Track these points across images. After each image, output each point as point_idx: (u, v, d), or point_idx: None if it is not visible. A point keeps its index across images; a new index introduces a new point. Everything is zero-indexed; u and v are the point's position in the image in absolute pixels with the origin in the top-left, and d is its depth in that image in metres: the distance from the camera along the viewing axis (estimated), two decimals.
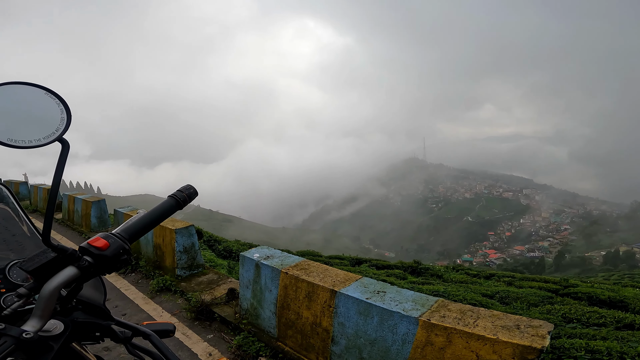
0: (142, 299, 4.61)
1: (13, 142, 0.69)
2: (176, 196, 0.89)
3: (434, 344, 2.27)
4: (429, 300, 2.53)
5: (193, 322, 4.00)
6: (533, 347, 1.96)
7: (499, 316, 2.28)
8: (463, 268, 14.24)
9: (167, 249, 5.12)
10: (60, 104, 0.76)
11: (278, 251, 3.70)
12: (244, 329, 3.61)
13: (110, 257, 0.72)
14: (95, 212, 8.06)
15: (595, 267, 57.93)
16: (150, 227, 0.84)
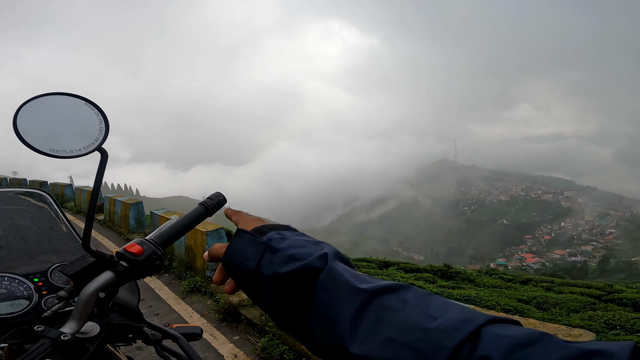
0: (174, 299, 4.80)
1: (55, 152, 0.71)
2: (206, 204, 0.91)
3: None
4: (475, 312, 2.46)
5: (220, 323, 4.10)
6: None
7: (536, 324, 2.18)
8: (497, 272, 13.65)
9: (198, 250, 5.30)
10: (98, 114, 0.77)
11: None
12: (269, 332, 3.66)
13: (144, 262, 0.73)
14: (133, 214, 8.49)
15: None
16: (181, 234, 0.86)
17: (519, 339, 0.33)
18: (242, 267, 0.52)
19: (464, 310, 0.39)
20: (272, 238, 0.52)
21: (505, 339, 0.34)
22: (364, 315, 0.40)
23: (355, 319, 0.40)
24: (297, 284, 0.47)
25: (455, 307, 0.39)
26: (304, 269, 0.46)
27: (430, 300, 0.40)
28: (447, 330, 0.36)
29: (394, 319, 0.39)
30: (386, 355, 0.36)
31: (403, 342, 0.36)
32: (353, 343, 0.39)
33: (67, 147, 0.72)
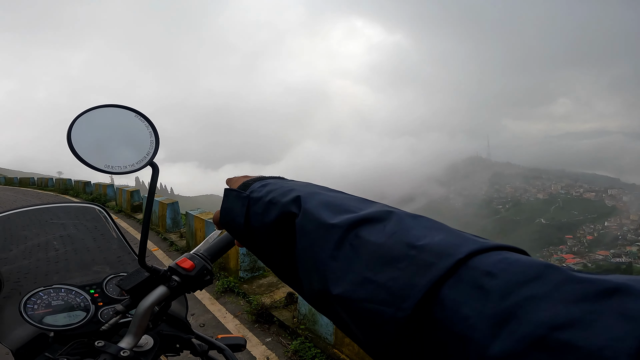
0: (209, 299, 4.94)
1: (110, 168, 0.70)
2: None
3: None
4: None
5: (253, 324, 4.15)
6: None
7: None
8: None
9: (231, 251, 5.43)
10: (149, 127, 0.76)
11: None
12: (301, 334, 3.68)
13: (195, 277, 0.75)
14: (170, 213, 8.83)
15: None
16: (227, 249, 0.87)
17: (518, 274, 0.26)
18: (234, 225, 0.52)
19: (449, 235, 0.34)
20: (253, 190, 0.51)
21: (499, 276, 0.27)
22: (340, 253, 0.37)
23: (331, 258, 0.37)
24: (281, 232, 0.45)
25: (440, 232, 0.34)
26: (283, 215, 0.44)
27: (412, 224, 0.36)
28: (422, 264, 0.31)
29: (370, 253, 0.35)
30: (363, 295, 0.33)
31: (378, 281, 0.32)
32: (333, 284, 0.36)
33: (120, 163, 0.72)
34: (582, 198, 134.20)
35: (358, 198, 0.46)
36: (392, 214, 0.38)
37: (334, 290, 0.36)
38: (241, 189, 0.53)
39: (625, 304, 0.21)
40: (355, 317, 0.34)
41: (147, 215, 0.72)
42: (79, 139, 0.69)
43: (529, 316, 0.23)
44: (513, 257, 0.28)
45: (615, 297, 0.22)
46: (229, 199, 0.54)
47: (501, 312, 0.24)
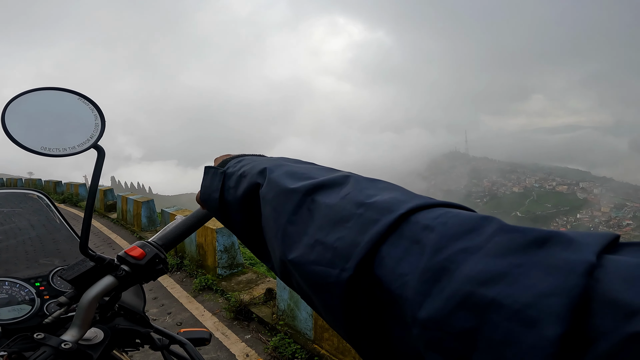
0: (186, 298, 4.81)
1: (47, 150, 0.67)
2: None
3: None
4: None
5: (232, 321, 4.10)
6: None
7: None
8: None
9: (209, 248, 5.31)
10: (94, 110, 0.73)
11: None
12: (280, 330, 3.64)
13: (146, 266, 0.72)
14: (145, 212, 8.57)
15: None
16: (185, 235, 0.84)
17: (455, 227, 0.25)
18: (211, 200, 0.52)
19: (400, 194, 0.33)
20: (230, 166, 0.52)
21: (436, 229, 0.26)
22: (297, 218, 0.36)
23: (289, 223, 0.37)
24: (250, 204, 0.45)
25: (393, 191, 0.34)
26: (251, 187, 0.45)
27: (368, 185, 0.36)
28: (367, 222, 0.30)
29: (323, 215, 0.34)
30: (312, 257, 0.32)
31: (327, 242, 0.32)
32: (289, 249, 0.35)
33: (59, 145, 0.68)
34: (555, 191, 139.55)
35: (325, 168, 0.46)
36: (350, 178, 0.38)
37: (289, 255, 0.35)
38: (220, 166, 0.54)
39: (554, 254, 0.20)
40: (307, 281, 0.34)
41: (90, 201, 0.69)
42: (14, 120, 0.65)
43: (458, 271, 0.22)
44: (454, 212, 0.28)
45: (545, 248, 0.20)
46: (207, 176, 0.55)
47: (433, 267, 0.23)
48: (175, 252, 6.20)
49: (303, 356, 3.27)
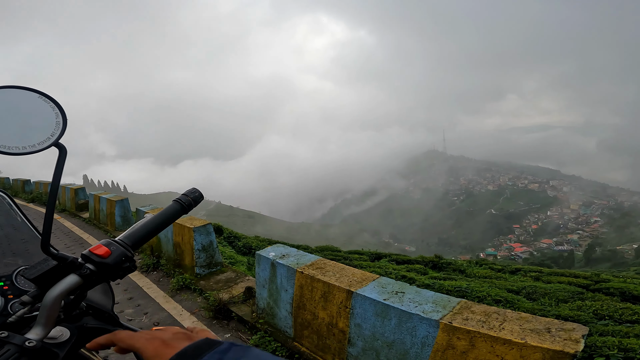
0: (163, 297, 4.68)
1: (6, 149, 0.67)
2: (181, 200, 0.90)
3: (456, 348, 2.16)
4: (451, 301, 2.41)
5: (211, 321, 4.03)
6: (565, 352, 1.81)
7: (528, 319, 2.13)
8: (487, 262, 13.81)
9: (186, 247, 5.18)
10: (55, 108, 0.73)
11: (294, 249, 3.65)
12: (260, 329, 3.60)
13: (112, 265, 0.71)
14: (119, 211, 8.28)
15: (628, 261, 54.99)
16: (154, 233, 0.83)
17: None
18: None
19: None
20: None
21: None
22: None
23: None
24: None
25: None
26: None
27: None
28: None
29: None
30: None
31: None
32: None
33: (20, 144, 0.68)
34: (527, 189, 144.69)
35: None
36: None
37: None
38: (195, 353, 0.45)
39: None
40: None
41: (52, 198, 0.70)
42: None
43: None
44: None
45: None
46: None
47: None
48: (152, 251, 6.03)
49: (284, 354, 3.25)
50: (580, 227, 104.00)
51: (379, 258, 12.09)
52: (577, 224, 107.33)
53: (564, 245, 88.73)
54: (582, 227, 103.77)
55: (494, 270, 10.32)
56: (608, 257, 61.50)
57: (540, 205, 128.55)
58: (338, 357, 2.90)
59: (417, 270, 8.99)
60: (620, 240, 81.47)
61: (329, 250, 12.81)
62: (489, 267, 11.24)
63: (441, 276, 8.31)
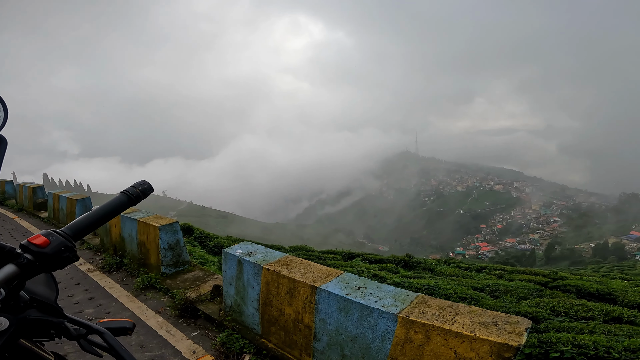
0: (127, 297, 4.54)
1: None
2: (128, 192, 0.91)
3: (413, 341, 2.25)
4: (409, 296, 2.51)
5: (177, 319, 3.97)
6: (510, 344, 1.93)
7: (478, 312, 2.26)
8: (455, 261, 14.30)
9: (152, 246, 5.05)
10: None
11: (261, 247, 3.66)
12: (228, 326, 3.58)
13: (51, 254, 0.72)
14: (80, 210, 7.92)
15: (585, 259, 58.10)
16: (98, 224, 0.84)
17: None
18: None
19: None
20: None
21: None
22: None
23: None
24: None
25: None
26: None
27: None
28: None
29: None
30: None
31: None
32: None
33: None
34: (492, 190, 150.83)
35: None
36: None
37: None
38: None
39: None
40: None
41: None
42: None
43: None
44: None
45: None
46: None
47: None
48: (115, 251, 5.82)
49: (251, 350, 3.26)
50: (541, 227, 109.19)
51: (352, 257, 12.24)
52: (538, 224, 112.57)
53: (527, 244, 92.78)
54: (542, 227, 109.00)
55: (461, 269, 10.69)
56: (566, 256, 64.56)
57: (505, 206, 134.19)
58: (305, 352, 2.94)
59: (389, 269, 9.18)
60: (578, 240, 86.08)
61: (303, 250, 12.83)
62: (456, 266, 11.64)
63: (412, 275, 8.53)
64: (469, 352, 2.04)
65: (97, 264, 5.71)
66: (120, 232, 5.73)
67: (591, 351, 3.17)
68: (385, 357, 2.38)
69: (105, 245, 6.26)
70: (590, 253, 65.92)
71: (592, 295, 7.15)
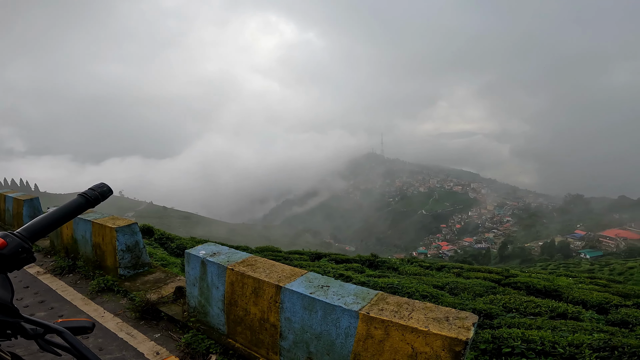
0: (81, 300, 4.33)
1: None
2: (87, 194, 0.91)
3: (374, 337, 2.36)
4: (370, 293, 2.62)
5: (138, 321, 3.85)
6: (459, 339, 2.06)
7: (432, 308, 2.40)
8: (417, 260, 14.77)
9: (108, 248, 4.83)
10: None
11: (225, 247, 3.64)
12: (192, 327, 3.53)
13: (8, 255, 0.73)
14: (28, 211, 7.38)
15: (534, 257, 61.27)
16: (55, 226, 0.85)
17: None
18: None
19: None
20: None
21: None
22: None
23: None
24: None
25: None
26: None
27: None
28: None
29: None
30: None
31: None
32: None
33: None
34: (452, 191, 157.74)
35: None
36: None
37: None
38: None
39: None
40: None
41: None
42: None
43: None
44: None
45: None
46: None
47: None
48: (67, 253, 5.51)
49: (218, 350, 3.24)
50: (495, 227, 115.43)
51: (319, 258, 12.35)
52: (492, 224, 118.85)
53: (482, 243, 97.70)
54: (496, 227, 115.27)
55: (423, 268, 11.13)
56: (518, 254, 68.40)
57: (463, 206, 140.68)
58: (271, 351, 2.97)
59: (355, 269, 9.36)
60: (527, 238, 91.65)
61: (270, 250, 12.76)
62: (419, 265, 12.09)
63: (376, 274, 8.76)
64: (424, 347, 2.17)
65: (48, 267, 5.36)
66: (72, 234, 5.43)
67: (539, 346, 3.40)
68: (348, 353, 2.47)
69: (55, 248, 5.89)
70: (538, 251, 69.80)
71: (540, 291, 7.65)
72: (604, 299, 6.80)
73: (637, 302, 6.83)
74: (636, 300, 6.97)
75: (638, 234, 73.06)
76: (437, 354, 2.12)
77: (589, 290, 8.11)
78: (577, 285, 9.14)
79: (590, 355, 3.32)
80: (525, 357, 3.32)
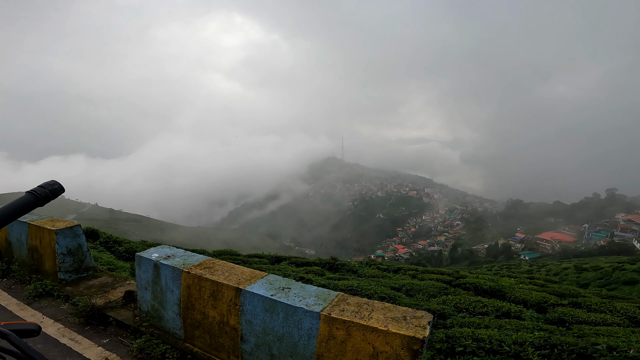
0: (17, 305, 3.95)
1: None
2: (36, 192, 0.83)
3: (336, 338, 2.37)
4: (330, 294, 2.63)
5: (83, 327, 3.59)
6: (416, 337, 2.14)
7: (390, 308, 2.47)
8: (375, 263, 15.12)
9: (46, 251, 4.42)
10: None
11: (180, 250, 3.48)
12: (145, 332, 3.34)
13: None
14: None
15: (481, 259, 65.14)
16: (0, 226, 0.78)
17: None
18: None
19: None
20: None
21: None
22: None
23: None
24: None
25: None
26: None
27: None
28: None
29: None
30: None
31: None
32: None
33: None
34: (407, 195, 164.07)
35: None
36: None
37: None
38: None
39: None
40: None
41: None
42: None
43: None
44: None
45: None
46: None
47: None
48: (0, 257, 4.96)
49: (174, 355, 3.09)
50: (447, 230, 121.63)
51: (279, 261, 12.21)
52: (444, 227, 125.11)
53: (435, 246, 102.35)
54: (447, 230, 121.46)
55: (380, 270, 11.40)
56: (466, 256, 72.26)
57: (417, 210, 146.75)
58: (232, 354, 2.87)
59: (315, 272, 9.36)
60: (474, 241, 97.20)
61: (228, 254, 12.40)
62: (377, 267, 12.37)
63: (336, 277, 8.82)
64: (385, 346, 2.22)
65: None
66: (6, 237, 4.90)
67: (487, 345, 3.60)
68: (312, 355, 2.45)
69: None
70: (484, 253, 73.81)
71: (486, 292, 8.12)
72: (542, 298, 7.36)
73: (572, 301, 7.47)
74: (571, 300, 7.63)
75: (571, 236, 79.97)
76: (397, 353, 2.18)
77: (529, 290, 8.75)
78: (518, 285, 9.82)
79: (532, 353, 3.56)
80: (476, 356, 3.50)
